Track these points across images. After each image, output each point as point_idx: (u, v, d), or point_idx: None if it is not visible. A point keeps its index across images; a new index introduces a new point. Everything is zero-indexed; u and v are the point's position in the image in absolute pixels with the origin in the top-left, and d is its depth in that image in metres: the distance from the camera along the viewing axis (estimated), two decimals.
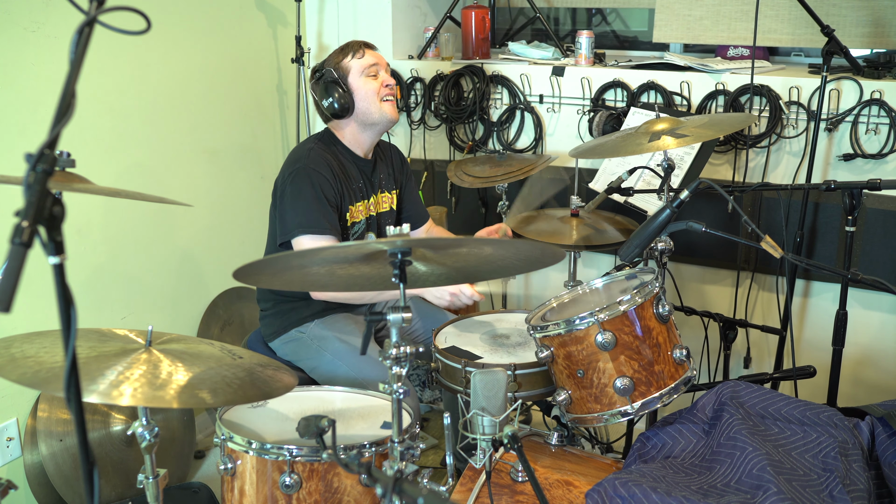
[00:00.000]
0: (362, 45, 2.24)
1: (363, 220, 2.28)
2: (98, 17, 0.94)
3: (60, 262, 0.89)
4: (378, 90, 2.20)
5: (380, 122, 2.24)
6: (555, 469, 1.77)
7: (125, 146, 2.55)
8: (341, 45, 2.26)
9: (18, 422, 2.30)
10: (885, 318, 2.62)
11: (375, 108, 2.20)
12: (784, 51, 3.06)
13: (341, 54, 2.23)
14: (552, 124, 3.00)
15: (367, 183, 2.29)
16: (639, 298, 1.74)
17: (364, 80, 2.20)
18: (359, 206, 2.25)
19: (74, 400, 0.94)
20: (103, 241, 2.50)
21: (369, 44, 2.27)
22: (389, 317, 1.40)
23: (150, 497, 1.57)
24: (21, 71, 2.20)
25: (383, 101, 2.21)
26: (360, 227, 2.27)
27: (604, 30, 3.47)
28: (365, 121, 2.22)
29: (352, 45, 2.23)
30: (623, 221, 2.57)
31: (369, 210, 2.30)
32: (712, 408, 1.74)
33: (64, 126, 0.89)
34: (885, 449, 1.66)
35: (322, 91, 2.19)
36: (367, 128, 2.24)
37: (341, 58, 2.22)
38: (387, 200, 2.37)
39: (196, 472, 2.76)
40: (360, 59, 2.21)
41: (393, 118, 2.23)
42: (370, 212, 2.30)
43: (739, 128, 2.54)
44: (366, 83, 2.20)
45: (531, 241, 2.35)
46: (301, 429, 1.37)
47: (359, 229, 2.27)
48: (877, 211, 2.49)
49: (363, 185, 2.27)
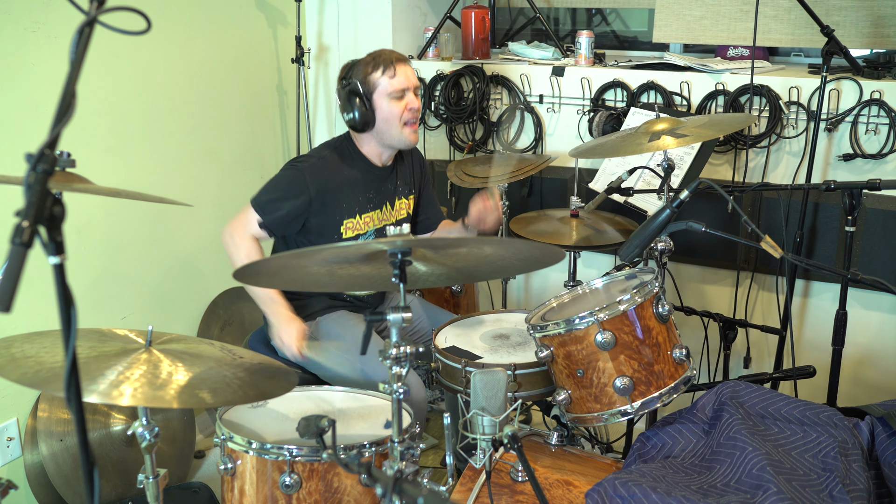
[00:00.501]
0: (394, 62, 2.11)
1: (370, 232, 2.24)
2: (98, 17, 0.94)
3: (60, 262, 0.89)
4: (401, 114, 2.12)
5: (398, 146, 2.20)
6: (555, 469, 1.77)
7: (125, 146, 2.55)
8: (374, 54, 2.14)
9: (18, 422, 2.30)
10: (885, 318, 2.62)
11: (396, 132, 2.14)
12: (784, 51, 3.06)
13: (372, 68, 2.11)
14: (552, 124, 3.00)
15: (378, 194, 2.25)
16: (638, 298, 1.74)
17: (389, 102, 2.11)
18: (364, 219, 2.21)
19: (74, 400, 0.94)
20: (103, 241, 2.50)
21: (402, 58, 2.15)
22: (389, 317, 1.41)
23: (150, 497, 1.57)
24: (21, 71, 2.20)
25: (405, 126, 2.14)
26: (367, 238, 2.24)
27: (604, 30, 3.47)
28: (383, 140, 2.18)
29: (384, 60, 2.11)
30: (623, 221, 2.57)
31: (383, 220, 2.26)
32: (712, 408, 1.74)
33: (64, 126, 0.89)
34: (884, 449, 1.66)
35: (345, 102, 2.13)
36: (385, 146, 2.20)
37: (370, 71, 2.11)
38: (404, 207, 2.33)
39: (196, 472, 2.76)
40: (391, 78, 2.10)
41: (412, 143, 2.18)
42: (384, 221, 2.27)
43: (739, 128, 2.54)
44: (390, 104, 2.11)
45: (531, 241, 2.35)
46: (301, 429, 1.37)
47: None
48: (877, 211, 2.49)
49: (373, 195, 2.23)
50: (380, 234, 2.27)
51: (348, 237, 2.19)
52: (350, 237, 2.19)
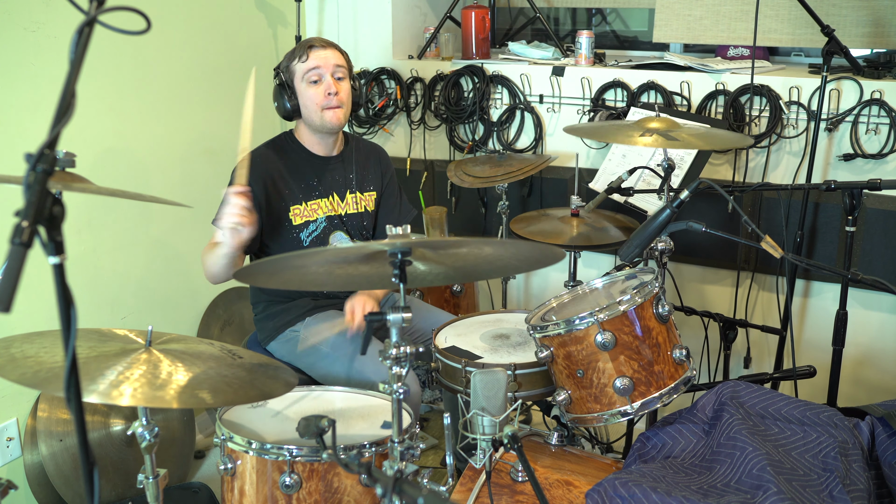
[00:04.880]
0: (307, 47, 2.12)
1: (321, 219, 2.22)
2: (98, 17, 0.94)
3: (60, 262, 0.89)
4: (320, 100, 2.11)
5: (322, 130, 2.19)
6: (555, 469, 1.77)
7: (125, 146, 2.55)
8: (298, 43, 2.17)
9: (18, 422, 2.30)
10: (885, 318, 2.62)
11: (317, 117, 2.14)
12: (784, 51, 3.06)
13: (289, 55, 2.14)
14: (552, 124, 3.00)
15: (322, 183, 2.24)
16: (638, 298, 1.74)
17: (306, 87, 2.12)
18: (311, 206, 2.21)
19: (74, 400, 0.94)
20: (103, 241, 2.50)
21: (318, 42, 2.14)
22: (389, 317, 1.40)
23: (150, 497, 1.57)
24: (21, 71, 2.20)
25: (325, 110, 2.13)
26: (318, 225, 2.22)
27: (604, 30, 3.47)
28: (310, 126, 2.19)
29: (298, 46, 2.14)
30: (623, 221, 2.57)
31: (333, 209, 2.25)
32: (712, 408, 1.74)
33: (64, 126, 0.89)
34: (885, 449, 1.66)
35: (274, 92, 2.17)
36: (315, 132, 2.21)
37: (289, 60, 2.14)
38: (361, 201, 2.31)
39: (196, 472, 2.76)
40: (303, 62, 2.11)
41: (335, 126, 2.16)
42: (334, 211, 2.25)
43: (732, 147, 2.54)
44: (307, 89, 2.12)
45: (531, 241, 2.35)
46: (301, 429, 1.37)
47: (316, 228, 2.22)
48: (877, 211, 2.49)
49: (317, 183, 2.23)
50: (331, 223, 2.24)
51: (298, 223, 2.19)
52: (300, 223, 2.19)
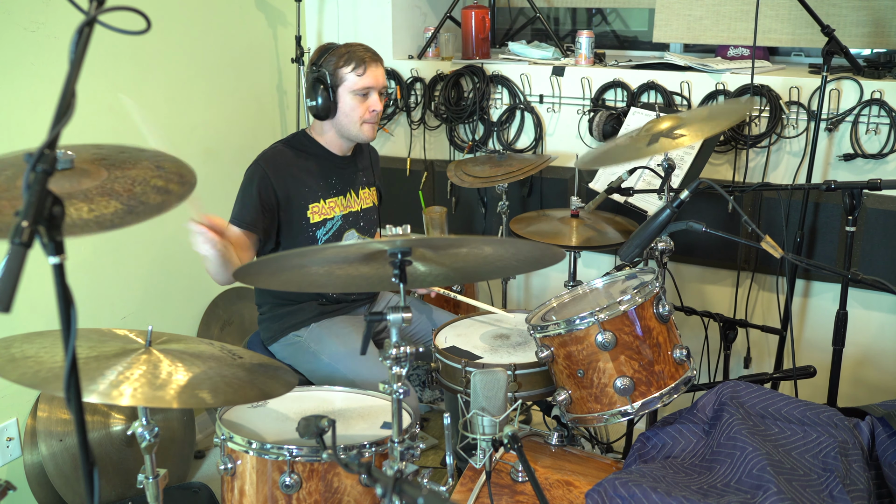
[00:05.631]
0: (365, 60, 2.15)
1: (337, 217, 2.27)
2: (98, 17, 0.94)
3: (60, 262, 0.89)
4: (362, 114, 2.17)
5: (354, 140, 2.25)
6: (555, 469, 1.77)
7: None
8: (349, 47, 2.17)
9: (18, 422, 2.30)
10: (885, 318, 2.62)
11: (355, 129, 2.19)
12: (784, 51, 3.06)
13: (344, 61, 2.14)
14: (552, 124, 3.00)
15: (340, 181, 2.29)
16: (639, 298, 1.74)
17: (352, 97, 2.15)
18: (329, 203, 2.25)
19: (74, 400, 0.94)
20: (103, 241, 2.50)
21: (376, 58, 2.19)
22: (389, 317, 1.40)
23: (150, 497, 1.57)
24: (21, 71, 2.20)
25: (364, 124, 2.19)
26: (335, 223, 2.26)
27: (604, 30, 3.47)
28: (341, 132, 2.22)
29: (357, 57, 2.15)
30: (623, 221, 2.57)
31: (348, 206, 2.30)
32: (712, 408, 1.74)
33: (64, 126, 0.89)
34: (885, 449, 1.66)
35: (310, 88, 2.18)
36: (343, 137, 2.24)
37: (342, 64, 2.14)
38: (368, 197, 2.37)
39: (196, 472, 2.76)
40: (360, 76, 2.14)
41: (369, 139, 2.24)
42: (349, 208, 2.30)
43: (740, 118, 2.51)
44: (353, 101, 2.15)
45: (531, 241, 2.35)
46: (301, 429, 1.37)
47: (333, 226, 2.25)
48: (877, 211, 2.49)
49: (335, 181, 2.27)
50: (346, 220, 2.29)
51: (316, 221, 2.22)
52: (318, 221, 2.22)
